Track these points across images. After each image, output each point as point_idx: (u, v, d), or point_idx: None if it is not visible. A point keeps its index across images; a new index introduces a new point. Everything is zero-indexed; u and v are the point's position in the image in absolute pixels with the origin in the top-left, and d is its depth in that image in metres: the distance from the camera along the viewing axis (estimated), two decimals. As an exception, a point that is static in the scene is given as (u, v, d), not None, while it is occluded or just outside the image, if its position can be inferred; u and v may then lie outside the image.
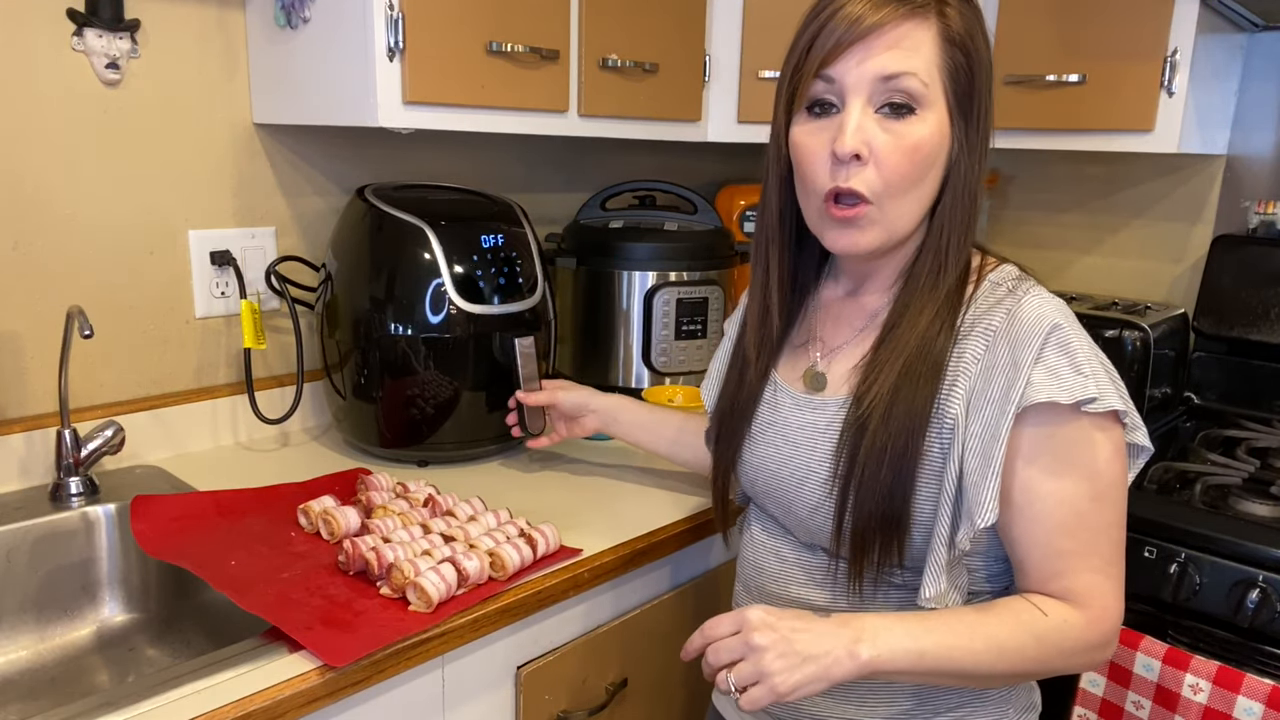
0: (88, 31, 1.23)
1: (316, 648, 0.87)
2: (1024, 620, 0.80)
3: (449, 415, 1.32)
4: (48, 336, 1.26)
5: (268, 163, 1.45)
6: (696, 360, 1.70)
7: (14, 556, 1.13)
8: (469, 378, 1.32)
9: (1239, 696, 1.16)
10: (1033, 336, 0.79)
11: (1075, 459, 0.80)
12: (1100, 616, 0.81)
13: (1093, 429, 0.79)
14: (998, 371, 0.80)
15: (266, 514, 1.17)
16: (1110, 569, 0.82)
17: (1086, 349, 0.80)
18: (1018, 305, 0.81)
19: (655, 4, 1.49)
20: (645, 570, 1.21)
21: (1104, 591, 0.81)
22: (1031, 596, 0.82)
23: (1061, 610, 0.81)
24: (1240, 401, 1.75)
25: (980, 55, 0.83)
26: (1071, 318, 0.82)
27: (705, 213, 1.78)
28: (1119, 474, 0.81)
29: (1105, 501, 0.81)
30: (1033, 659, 0.80)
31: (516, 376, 1.32)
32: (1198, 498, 1.35)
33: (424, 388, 1.30)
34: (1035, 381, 0.78)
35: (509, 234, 1.37)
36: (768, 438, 0.95)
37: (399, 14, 1.17)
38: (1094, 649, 0.82)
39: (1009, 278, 0.86)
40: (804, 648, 0.77)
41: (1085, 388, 0.77)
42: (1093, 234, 1.95)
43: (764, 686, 0.77)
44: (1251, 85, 1.74)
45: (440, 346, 1.29)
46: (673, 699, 1.31)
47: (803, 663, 0.77)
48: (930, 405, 0.82)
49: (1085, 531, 0.80)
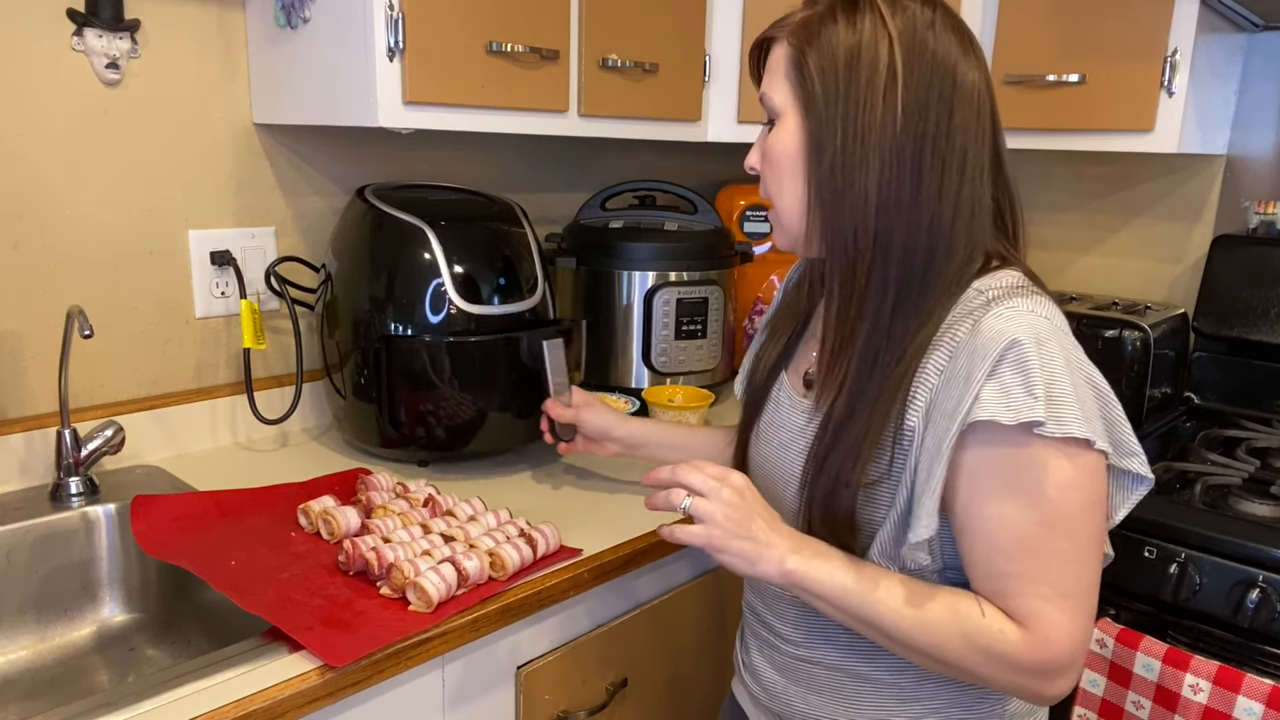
0: (88, 31, 1.23)
1: (316, 648, 0.87)
2: (960, 610, 0.79)
3: (449, 415, 1.32)
4: (48, 336, 1.26)
5: (268, 163, 1.45)
6: (696, 360, 1.70)
7: (14, 556, 1.13)
8: (470, 377, 1.32)
9: (1239, 696, 1.16)
10: (990, 351, 0.75)
11: (1020, 482, 0.76)
12: (1041, 645, 0.76)
13: (1047, 453, 0.75)
14: (954, 385, 0.78)
15: (266, 514, 1.17)
16: (1064, 601, 0.76)
17: (1051, 369, 0.75)
18: (984, 317, 0.78)
19: (655, 4, 1.49)
20: (645, 570, 1.21)
21: (1049, 621, 0.76)
22: (981, 598, 0.80)
23: (1002, 620, 0.78)
24: (1240, 401, 1.75)
25: (846, 54, 0.81)
26: (1047, 334, 0.76)
27: (705, 213, 1.78)
28: (1080, 503, 0.76)
29: (1058, 530, 0.76)
30: (956, 651, 0.78)
31: (546, 382, 1.26)
32: (1198, 498, 1.35)
33: (424, 388, 1.30)
34: (983, 398, 0.75)
35: (509, 234, 1.37)
36: (766, 437, 0.96)
37: (399, 14, 1.17)
38: (1029, 673, 0.78)
39: (997, 285, 0.81)
40: (754, 530, 0.83)
41: (1032, 410, 0.73)
42: (1093, 234, 1.95)
43: (704, 530, 0.84)
44: (1251, 85, 1.74)
45: (440, 347, 1.29)
46: (673, 699, 1.31)
47: (745, 539, 0.83)
48: (887, 416, 0.81)
49: (1030, 558, 0.77)
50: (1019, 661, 0.77)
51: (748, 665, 1.01)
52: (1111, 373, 1.63)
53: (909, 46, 0.80)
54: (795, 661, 0.93)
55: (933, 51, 0.81)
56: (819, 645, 0.91)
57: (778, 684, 0.95)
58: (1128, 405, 1.61)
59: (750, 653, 1.01)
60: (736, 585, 1.36)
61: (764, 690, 0.97)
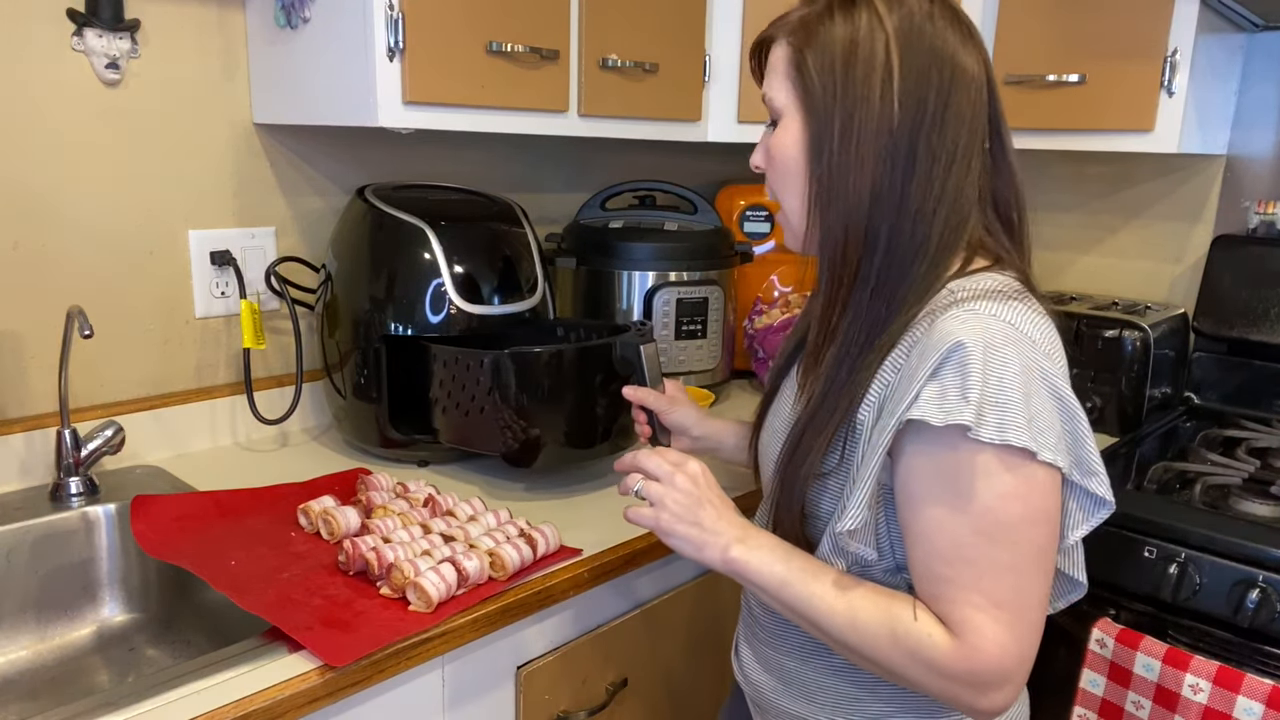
0: (88, 31, 1.23)
1: (316, 648, 0.87)
2: (892, 611, 0.78)
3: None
4: (48, 336, 1.26)
5: (268, 163, 1.45)
6: (696, 360, 1.70)
7: (14, 556, 1.13)
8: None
9: (1239, 696, 1.16)
10: (935, 351, 0.75)
11: (953, 486, 0.75)
12: (969, 654, 0.75)
13: (983, 460, 0.73)
14: (904, 382, 0.77)
15: (266, 514, 1.17)
16: (998, 611, 0.74)
17: (998, 375, 0.73)
18: (941, 318, 0.77)
19: (655, 4, 1.49)
20: (645, 570, 1.21)
21: (980, 631, 0.74)
22: (918, 602, 0.79)
23: (933, 625, 0.77)
24: (1240, 401, 1.75)
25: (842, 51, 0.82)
26: (1003, 340, 0.74)
27: (705, 213, 1.78)
28: (1023, 514, 0.74)
29: (994, 539, 0.74)
30: (885, 652, 0.78)
31: (644, 383, 1.22)
32: (1198, 498, 1.35)
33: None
34: (921, 398, 0.74)
35: (509, 234, 1.37)
36: (767, 427, 0.98)
37: (399, 14, 1.17)
38: (957, 681, 0.76)
39: (972, 288, 0.79)
40: (702, 517, 0.87)
41: (962, 413, 0.72)
42: (1093, 234, 1.95)
43: (652, 512, 0.89)
44: (1251, 85, 1.73)
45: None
46: (673, 699, 1.31)
47: (691, 525, 0.87)
48: (846, 410, 0.82)
49: (964, 565, 0.75)
50: (946, 669, 0.76)
51: (739, 660, 1.03)
52: (1111, 373, 1.63)
53: (905, 40, 0.80)
54: (786, 660, 0.93)
55: (930, 42, 0.81)
56: (808, 646, 0.91)
57: (765, 682, 0.96)
58: (1128, 405, 1.62)
59: (739, 643, 1.02)
60: (736, 585, 1.36)
61: (753, 688, 0.99)
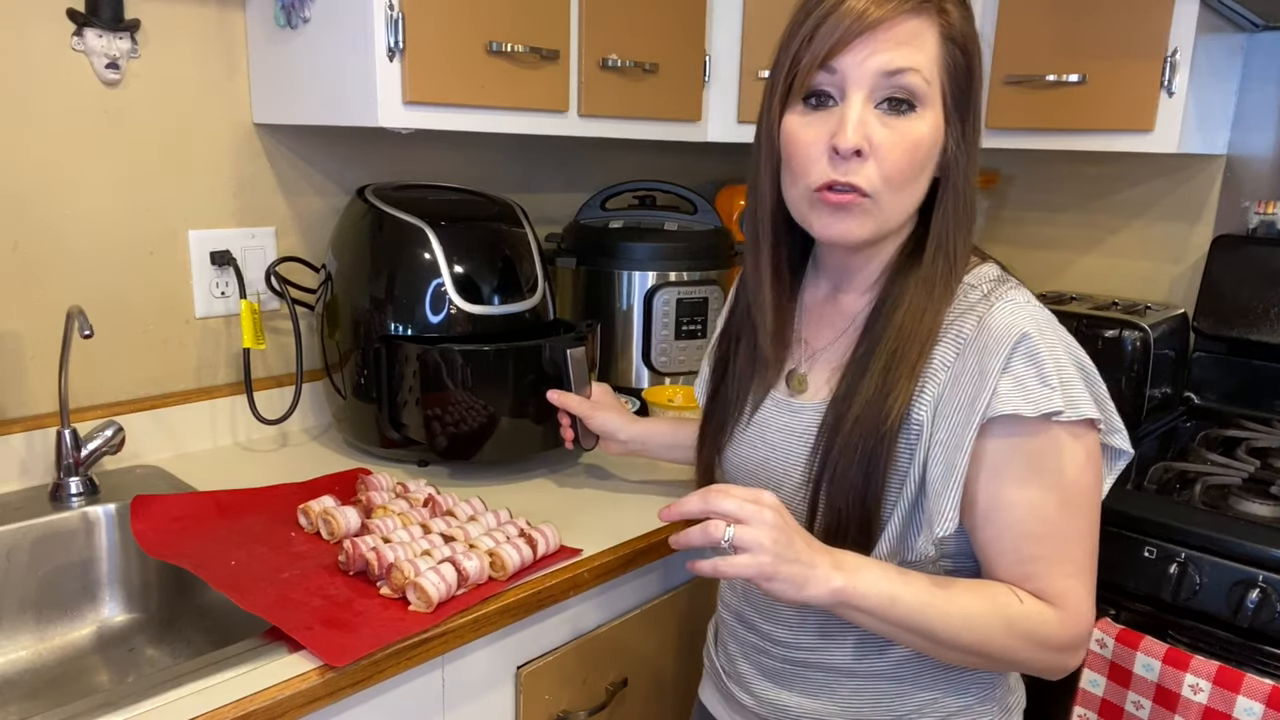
0: (88, 31, 1.23)
1: (316, 648, 0.87)
2: (1000, 601, 0.80)
3: (449, 415, 1.32)
4: (48, 336, 1.26)
5: (268, 163, 1.45)
6: (696, 360, 1.70)
7: (14, 556, 1.13)
8: (470, 378, 1.32)
9: (1239, 696, 1.16)
10: (1001, 345, 0.78)
11: (1042, 468, 0.79)
12: (1074, 619, 0.80)
13: (1063, 437, 0.78)
14: (965, 380, 0.79)
15: (266, 514, 1.17)
16: (1083, 575, 0.81)
17: (1057, 357, 0.78)
18: (989, 312, 0.80)
19: (655, 4, 1.49)
20: (645, 570, 1.21)
21: (1078, 596, 0.80)
22: (1011, 585, 0.81)
23: (1037, 604, 0.80)
24: (1240, 401, 1.75)
25: (976, 55, 0.83)
26: (1045, 324, 0.80)
27: (705, 213, 1.78)
28: (1090, 481, 0.80)
29: (1075, 509, 0.80)
30: (1001, 642, 0.79)
31: (569, 386, 1.27)
32: (1198, 498, 1.35)
33: (424, 388, 1.30)
34: (1001, 392, 0.77)
35: (509, 234, 1.37)
36: (748, 438, 0.94)
37: (399, 14, 1.17)
38: (1064, 650, 0.81)
39: (985, 279, 0.84)
40: (799, 551, 0.76)
41: (1051, 400, 0.76)
42: (1092, 234, 1.95)
43: (754, 558, 0.75)
44: (1251, 85, 1.73)
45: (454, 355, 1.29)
46: (673, 699, 1.31)
47: (792, 562, 0.76)
48: (904, 409, 0.81)
49: (1055, 539, 0.80)
50: (1059, 640, 0.80)
51: (730, 673, 1.00)
52: (1111, 373, 1.63)
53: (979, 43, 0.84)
54: (790, 666, 0.92)
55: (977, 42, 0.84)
56: (817, 645, 0.90)
57: (769, 690, 0.94)
58: (1127, 405, 1.62)
59: (734, 661, 0.99)
60: (736, 585, 1.36)
61: (753, 698, 0.96)
